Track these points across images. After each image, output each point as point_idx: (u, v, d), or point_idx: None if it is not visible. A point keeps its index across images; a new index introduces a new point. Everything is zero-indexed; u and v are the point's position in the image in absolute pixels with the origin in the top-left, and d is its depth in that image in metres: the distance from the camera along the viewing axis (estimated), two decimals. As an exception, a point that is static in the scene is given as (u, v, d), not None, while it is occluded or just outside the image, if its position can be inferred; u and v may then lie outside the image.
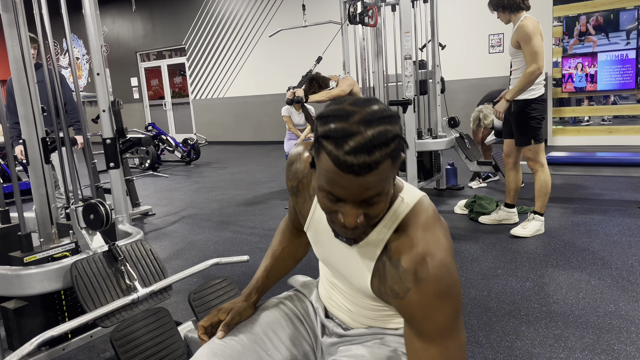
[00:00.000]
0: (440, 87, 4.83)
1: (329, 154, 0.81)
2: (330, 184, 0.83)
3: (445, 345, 0.89)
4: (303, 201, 1.12)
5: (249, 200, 5.40)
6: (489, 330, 2.25)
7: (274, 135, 10.39)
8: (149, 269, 2.07)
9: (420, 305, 0.88)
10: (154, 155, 7.77)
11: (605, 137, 7.33)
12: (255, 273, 1.30)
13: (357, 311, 1.13)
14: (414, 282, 0.88)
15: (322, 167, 0.83)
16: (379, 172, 0.80)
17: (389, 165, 0.82)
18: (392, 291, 0.93)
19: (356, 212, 0.85)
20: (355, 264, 1.01)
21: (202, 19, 11.04)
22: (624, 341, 2.08)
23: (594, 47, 7.11)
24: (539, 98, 3.37)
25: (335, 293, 1.18)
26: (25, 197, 4.65)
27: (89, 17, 2.20)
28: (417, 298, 0.88)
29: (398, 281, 0.91)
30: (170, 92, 12.27)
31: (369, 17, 4.34)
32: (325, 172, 0.83)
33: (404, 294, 0.90)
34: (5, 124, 2.35)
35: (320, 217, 1.07)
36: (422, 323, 0.89)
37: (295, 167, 1.13)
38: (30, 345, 1.59)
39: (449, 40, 5.35)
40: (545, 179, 3.47)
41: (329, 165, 0.81)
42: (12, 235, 2.35)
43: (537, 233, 3.51)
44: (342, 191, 0.83)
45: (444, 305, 0.88)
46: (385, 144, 0.80)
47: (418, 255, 0.89)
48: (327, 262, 1.13)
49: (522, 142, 3.47)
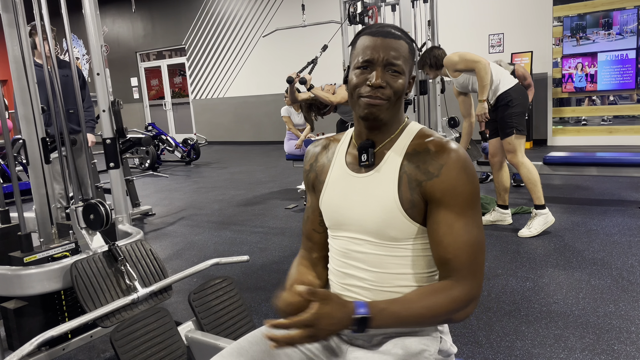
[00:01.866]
0: (440, 87, 4.83)
1: (365, 33, 1.11)
2: (364, 52, 1.08)
3: (467, 222, 1.05)
4: (322, 168, 1.24)
5: (249, 200, 5.40)
6: (489, 330, 2.25)
7: (274, 135, 10.39)
8: (149, 269, 2.07)
9: (452, 179, 1.04)
10: (154, 155, 7.77)
11: (605, 137, 7.33)
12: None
13: (375, 285, 1.11)
14: (445, 159, 1.05)
15: (359, 46, 1.10)
16: (399, 45, 1.09)
17: (407, 50, 1.10)
18: (426, 174, 1.06)
19: (382, 74, 1.07)
20: (378, 188, 1.10)
21: (202, 19, 11.04)
22: (624, 341, 2.08)
23: (594, 47, 7.12)
24: (514, 87, 3.51)
25: (351, 279, 1.15)
26: (25, 197, 4.65)
27: (89, 17, 2.20)
28: (449, 173, 1.04)
29: (431, 162, 1.06)
30: (170, 92, 12.28)
31: (369, 17, 4.34)
32: (360, 48, 1.09)
33: (438, 170, 1.05)
34: (5, 124, 2.35)
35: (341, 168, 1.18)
36: (452, 199, 1.04)
37: (313, 150, 1.29)
38: (30, 345, 1.59)
39: (449, 40, 5.35)
40: (528, 171, 3.51)
41: (364, 39, 1.10)
42: (12, 235, 2.35)
43: (547, 226, 3.50)
44: (373, 52, 1.07)
45: (469, 180, 1.05)
46: (404, 33, 1.12)
47: (442, 142, 1.08)
48: (345, 216, 1.14)
49: (505, 132, 3.53)
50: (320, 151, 1.27)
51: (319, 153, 1.27)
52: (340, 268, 1.17)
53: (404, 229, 1.08)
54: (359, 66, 1.09)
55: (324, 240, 1.27)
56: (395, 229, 1.08)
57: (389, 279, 1.10)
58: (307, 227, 1.29)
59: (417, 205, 1.07)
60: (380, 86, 1.07)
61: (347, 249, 1.15)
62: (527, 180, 3.50)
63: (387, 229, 1.08)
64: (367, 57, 1.08)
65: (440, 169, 1.05)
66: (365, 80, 1.08)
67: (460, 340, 2.18)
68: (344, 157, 1.19)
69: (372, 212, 1.10)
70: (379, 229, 1.09)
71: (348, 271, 1.15)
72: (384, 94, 1.08)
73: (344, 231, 1.15)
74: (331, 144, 1.26)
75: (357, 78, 1.10)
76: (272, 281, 3.02)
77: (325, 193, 1.20)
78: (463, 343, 2.16)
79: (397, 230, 1.08)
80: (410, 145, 1.11)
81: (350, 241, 1.14)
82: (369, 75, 1.08)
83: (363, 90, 1.08)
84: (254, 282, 3.03)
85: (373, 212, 1.10)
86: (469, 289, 1.04)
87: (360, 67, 1.09)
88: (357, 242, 1.13)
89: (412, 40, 1.14)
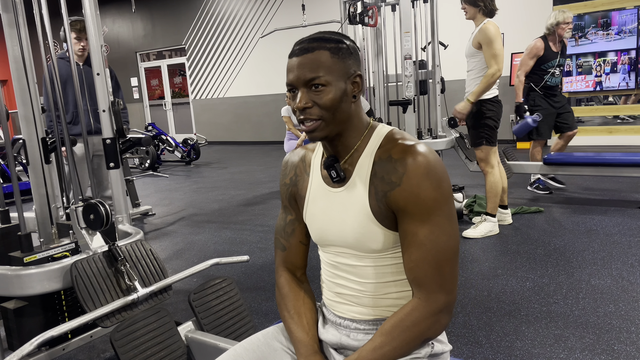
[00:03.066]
0: (440, 87, 4.83)
1: (289, 54, 1.08)
2: (287, 76, 1.06)
3: (432, 230, 1.01)
4: (302, 182, 1.21)
5: (249, 200, 5.40)
6: (489, 330, 2.25)
7: (274, 135, 10.39)
8: (149, 269, 2.07)
9: (413, 186, 1.00)
10: (154, 155, 7.77)
11: (605, 137, 7.33)
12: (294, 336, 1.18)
13: (365, 295, 1.12)
14: (406, 166, 1.01)
15: (287, 70, 1.07)
16: (316, 56, 1.03)
17: (328, 56, 1.03)
18: (389, 184, 1.03)
19: (306, 96, 1.04)
20: (352, 202, 1.09)
21: (202, 19, 11.04)
22: (624, 341, 2.08)
23: (594, 47, 7.11)
24: (493, 98, 3.50)
25: (342, 288, 1.15)
26: (25, 197, 4.65)
27: (89, 17, 2.20)
28: (410, 180, 1.00)
29: (393, 171, 1.03)
30: (170, 92, 12.27)
31: (369, 17, 4.34)
32: (287, 73, 1.07)
33: (399, 179, 1.01)
34: (5, 124, 2.35)
35: (318, 183, 1.16)
36: (415, 206, 1.00)
37: (290, 161, 1.25)
38: (30, 345, 1.59)
39: (449, 40, 5.34)
40: (495, 180, 3.55)
41: (288, 62, 1.07)
42: (12, 235, 2.35)
43: (490, 234, 3.56)
44: (292, 75, 1.05)
45: (433, 185, 1.00)
46: (324, 40, 1.05)
47: (406, 146, 1.03)
48: (328, 232, 1.13)
49: (475, 142, 3.56)
50: (298, 163, 1.23)
51: (297, 166, 1.23)
52: (331, 279, 1.19)
53: (383, 240, 1.07)
54: (288, 90, 1.08)
55: (306, 252, 1.28)
56: (374, 241, 1.07)
57: (377, 287, 1.11)
58: (292, 240, 1.25)
59: (388, 217, 1.05)
60: (304, 108, 1.04)
61: (335, 261, 1.16)
62: (490, 188, 3.56)
63: (367, 242, 1.08)
64: (289, 81, 1.06)
65: (402, 177, 1.01)
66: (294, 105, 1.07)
67: (460, 340, 2.18)
68: (320, 171, 1.17)
69: (350, 227, 1.09)
70: (359, 242, 1.09)
71: (338, 281, 1.16)
72: (312, 114, 1.04)
73: (330, 245, 1.16)
74: (307, 155, 1.23)
75: (289, 102, 1.08)
76: (272, 281, 3.02)
77: (308, 209, 1.18)
78: (463, 343, 2.16)
79: (377, 242, 1.07)
80: (377, 153, 1.07)
81: (337, 254, 1.15)
82: (296, 98, 1.06)
83: (298, 116, 1.07)
84: (254, 282, 3.03)
85: (351, 228, 1.09)
86: (433, 301, 1.01)
87: (289, 91, 1.08)
88: (343, 255, 1.14)
89: (339, 40, 1.07)
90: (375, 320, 1.12)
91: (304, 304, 1.23)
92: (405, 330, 1.02)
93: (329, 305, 1.20)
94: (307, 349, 1.15)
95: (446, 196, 1.02)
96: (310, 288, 1.28)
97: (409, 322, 1.02)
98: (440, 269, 1.01)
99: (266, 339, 1.21)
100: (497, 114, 3.53)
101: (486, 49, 3.37)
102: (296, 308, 1.21)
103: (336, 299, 1.18)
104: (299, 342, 1.16)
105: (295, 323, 1.19)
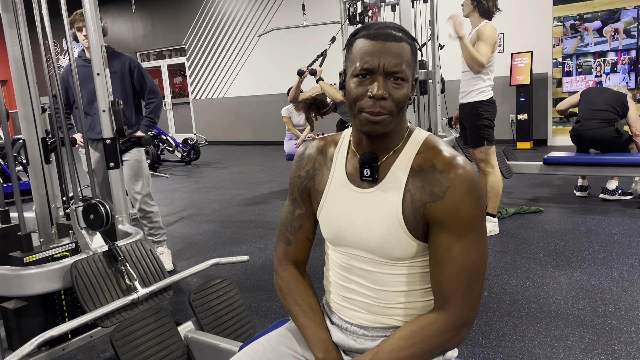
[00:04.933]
0: (440, 87, 4.83)
1: (362, 35, 1.01)
2: (363, 58, 0.98)
3: (466, 246, 1.00)
4: (321, 176, 1.16)
5: (249, 200, 5.40)
6: (489, 330, 2.25)
7: (273, 136, 10.39)
8: (149, 269, 2.07)
9: (456, 201, 0.99)
10: (154, 155, 7.77)
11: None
12: (303, 328, 1.16)
13: (377, 302, 1.09)
14: (450, 180, 0.99)
15: (356, 50, 1.00)
16: (401, 47, 0.99)
17: (409, 51, 1.00)
18: (431, 195, 1.01)
19: (384, 84, 0.98)
20: (381, 205, 1.05)
21: (202, 19, 11.04)
22: (624, 341, 2.08)
23: (594, 47, 7.11)
24: (489, 100, 3.51)
25: (351, 293, 1.13)
26: (25, 197, 4.64)
27: (89, 17, 2.20)
28: (454, 195, 0.99)
29: (436, 183, 1.01)
30: (170, 92, 12.27)
31: (369, 17, 4.34)
32: (358, 53, 1.00)
33: (443, 193, 0.99)
34: (5, 124, 2.35)
35: (341, 179, 1.11)
36: (454, 222, 0.99)
37: (307, 153, 1.20)
38: (30, 345, 1.59)
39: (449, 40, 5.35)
40: (495, 180, 3.55)
41: (362, 43, 1.00)
42: (12, 235, 2.35)
43: (490, 234, 3.56)
44: (373, 59, 0.98)
45: (474, 202, 0.99)
46: (405, 32, 1.02)
47: (450, 159, 1.01)
48: (346, 233, 1.09)
49: (475, 143, 3.57)
50: (317, 156, 1.17)
51: (315, 159, 1.17)
52: (340, 281, 1.15)
53: (407, 249, 1.05)
54: (357, 74, 1.00)
55: (310, 247, 1.25)
56: (399, 249, 1.05)
57: (390, 296, 1.08)
58: (299, 236, 1.21)
59: (421, 227, 1.03)
60: (382, 97, 0.98)
61: (348, 264, 1.12)
62: (491, 188, 3.56)
63: (391, 250, 1.05)
64: (366, 65, 0.98)
65: (446, 191, 0.99)
66: (365, 91, 0.99)
67: (460, 340, 2.18)
68: (344, 167, 1.12)
69: (375, 231, 1.05)
70: (381, 248, 1.06)
71: (349, 285, 1.13)
72: (385, 108, 0.99)
73: (345, 247, 1.12)
74: (328, 148, 1.17)
75: (356, 89, 1.00)
76: (272, 281, 3.02)
77: (325, 206, 1.14)
78: (463, 343, 2.16)
79: (401, 251, 1.05)
80: (416, 160, 1.04)
81: (352, 257, 1.11)
82: (370, 85, 0.99)
83: (364, 104, 0.99)
84: (254, 282, 3.03)
85: (376, 232, 1.05)
86: (458, 316, 1.01)
87: (359, 75, 1.00)
88: (358, 258, 1.10)
89: (414, 39, 1.04)
90: (384, 328, 1.10)
91: (315, 299, 1.20)
92: (427, 339, 1.01)
93: (336, 308, 1.17)
94: (325, 344, 1.11)
95: (483, 214, 1.02)
96: (312, 283, 1.25)
97: (431, 332, 1.01)
98: (470, 286, 1.01)
99: (271, 345, 1.17)
100: (493, 114, 3.55)
101: (479, 42, 3.40)
102: (308, 303, 1.17)
103: (344, 304, 1.15)
104: (316, 337, 1.13)
105: (309, 318, 1.15)
